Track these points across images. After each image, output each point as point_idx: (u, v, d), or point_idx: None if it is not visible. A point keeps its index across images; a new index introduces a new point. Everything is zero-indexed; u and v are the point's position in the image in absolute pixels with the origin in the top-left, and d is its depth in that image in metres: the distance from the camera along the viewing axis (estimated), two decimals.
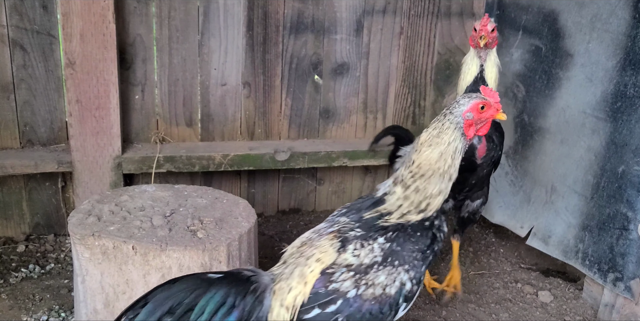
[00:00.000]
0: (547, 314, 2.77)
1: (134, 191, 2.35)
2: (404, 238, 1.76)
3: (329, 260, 1.72)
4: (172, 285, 1.62)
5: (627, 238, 2.53)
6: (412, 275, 1.75)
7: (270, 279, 1.75)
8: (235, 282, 1.68)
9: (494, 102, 1.84)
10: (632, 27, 2.47)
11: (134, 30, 2.99)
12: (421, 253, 1.77)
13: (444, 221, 1.89)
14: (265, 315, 1.70)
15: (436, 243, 1.83)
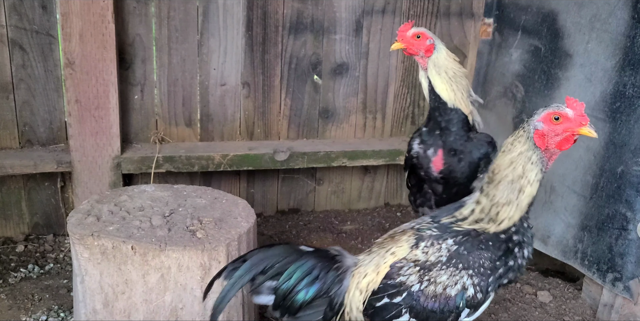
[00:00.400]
0: (546, 314, 2.77)
1: (133, 191, 2.35)
2: (472, 243, 1.80)
3: (401, 255, 1.84)
4: (268, 249, 1.84)
5: (626, 238, 2.53)
6: (476, 282, 1.78)
7: (353, 262, 1.92)
8: (322, 258, 1.88)
9: (576, 114, 1.72)
10: (631, 27, 2.47)
11: (133, 30, 2.99)
12: (490, 262, 1.79)
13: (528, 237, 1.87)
14: (342, 294, 1.87)
15: (511, 257, 1.82)
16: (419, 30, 2.37)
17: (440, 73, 2.35)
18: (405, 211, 3.67)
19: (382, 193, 3.70)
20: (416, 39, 2.35)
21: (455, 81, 2.36)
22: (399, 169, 3.66)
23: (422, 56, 2.38)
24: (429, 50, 2.36)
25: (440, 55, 2.36)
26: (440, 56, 2.36)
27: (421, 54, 2.37)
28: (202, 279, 2.01)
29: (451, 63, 2.38)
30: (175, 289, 2.01)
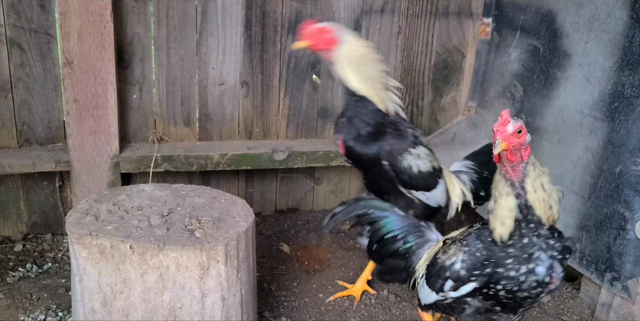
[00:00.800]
0: (544, 313, 2.77)
1: (131, 191, 2.34)
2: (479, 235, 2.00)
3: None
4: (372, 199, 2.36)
5: (625, 237, 2.53)
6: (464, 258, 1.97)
7: (435, 238, 2.28)
8: (411, 223, 2.30)
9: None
10: (629, 27, 2.47)
11: (132, 29, 2.99)
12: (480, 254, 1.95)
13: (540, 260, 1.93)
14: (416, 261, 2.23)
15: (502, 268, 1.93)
16: (321, 25, 2.38)
17: (349, 64, 2.36)
18: None
19: None
20: (320, 34, 2.36)
21: (363, 69, 2.36)
22: None
23: (329, 49, 2.37)
24: (331, 43, 2.36)
25: (346, 46, 2.36)
26: (346, 47, 2.36)
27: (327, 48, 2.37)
28: (201, 278, 2.01)
29: (359, 53, 2.37)
30: (173, 288, 2.01)
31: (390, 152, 2.39)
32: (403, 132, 2.42)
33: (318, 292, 2.83)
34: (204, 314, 2.06)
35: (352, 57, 2.36)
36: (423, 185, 2.46)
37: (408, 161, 2.39)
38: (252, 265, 2.22)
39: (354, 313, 2.71)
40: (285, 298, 2.78)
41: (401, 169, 2.40)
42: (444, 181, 2.54)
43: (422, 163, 2.42)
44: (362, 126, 2.40)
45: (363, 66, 2.37)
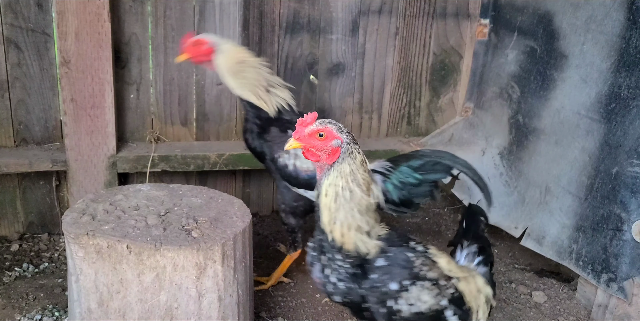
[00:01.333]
0: (540, 314, 2.78)
1: (128, 190, 2.34)
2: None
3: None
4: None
5: (621, 238, 2.54)
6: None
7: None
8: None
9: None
10: (626, 28, 2.48)
11: (129, 29, 2.98)
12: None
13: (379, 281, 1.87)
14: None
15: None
16: (196, 38, 2.51)
17: (228, 72, 2.49)
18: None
19: None
20: (195, 46, 2.50)
21: (239, 75, 2.49)
22: None
23: (209, 61, 2.51)
24: (208, 54, 2.50)
25: (223, 55, 2.49)
26: (221, 56, 2.49)
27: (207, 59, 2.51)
28: (198, 278, 2.01)
29: (235, 60, 2.49)
30: (170, 288, 2.00)
31: (270, 151, 2.54)
32: (284, 135, 2.52)
33: (315, 292, 2.83)
34: (200, 314, 2.05)
35: (230, 65, 2.50)
36: (304, 184, 2.55)
37: (284, 159, 2.52)
38: (249, 265, 2.22)
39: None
40: (282, 298, 2.78)
41: (279, 167, 2.55)
42: None
43: (301, 163, 2.51)
44: (252, 127, 2.59)
45: (241, 72, 2.51)
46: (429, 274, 1.86)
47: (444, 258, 1.95)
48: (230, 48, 2.52)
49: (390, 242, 1.87)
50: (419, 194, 2.56)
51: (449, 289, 1.89)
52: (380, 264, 1.82)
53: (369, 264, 1.83)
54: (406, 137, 3.57)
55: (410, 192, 2.53)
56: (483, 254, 2.14)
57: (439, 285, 1.87)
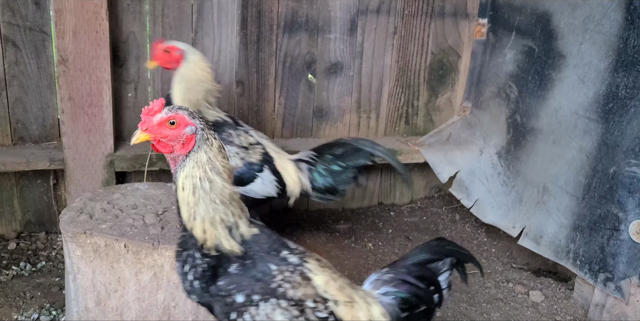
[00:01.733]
0: (538, 314, 2.78)
1: (126, 189, 2.34)
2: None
3: None
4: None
5: (618, 238, 2.54)
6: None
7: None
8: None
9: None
10: (624, 28, 2.48)
11: (127, 27, 2.98)
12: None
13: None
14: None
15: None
16: (168, 45, 2.54)
17: (180, 82, 2.54)
18: (399, 211, 3.68)
19: (375, 192, 3.70)
20: (166, 53, 2.53)
21: (190, 92, 2.54)
22: (393, 169, 3.67)
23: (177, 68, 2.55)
24: (179, 61, 2.54)
25: (189, 66, 2.54)
26: (189, 67, 2.53)
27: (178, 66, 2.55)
28: None
29: (196, 75, 2.54)
30: (167, 287, 2.00)
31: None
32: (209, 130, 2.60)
33: None
34: (198, 313, 2.05)
35: (191, 77, 2.53)
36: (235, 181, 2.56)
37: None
38: None
39: None
40: None
41: None
42: (268, 174, 2.63)
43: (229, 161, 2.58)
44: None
45: (193, 87, 2.54)
46: (290, 292, 1.60)
47: (324, 275, 1.68)
48: (197, 59, 2.56)
49: (258, 246, 1.64)
50: (343, 181, 2.69)
51: (319, 312, 1.62)
52: (233, 271, 1.61)
53: (223, 268, 1.62)
54: (404, 136, 3.57)
55: (335, 179, 2.68)
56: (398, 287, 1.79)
57: (303, 306, 1.60)
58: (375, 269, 3.03)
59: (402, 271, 1.81)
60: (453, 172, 3.40)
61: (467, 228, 3.51)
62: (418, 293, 1.80)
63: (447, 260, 1.88)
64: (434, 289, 1.85)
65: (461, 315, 2.74)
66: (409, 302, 1.79)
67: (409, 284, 1.79)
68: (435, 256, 1.87)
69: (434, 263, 1.87)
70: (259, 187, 2.61)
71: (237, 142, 2.61)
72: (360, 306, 1.70)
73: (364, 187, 2.82)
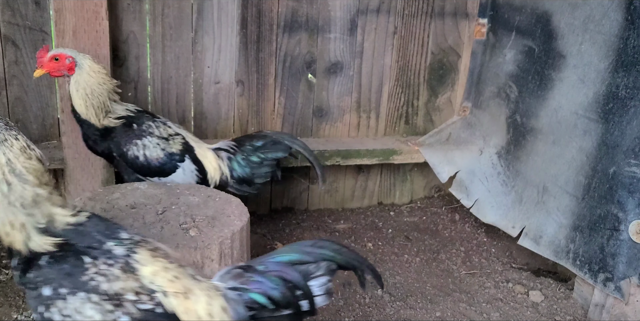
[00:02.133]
0: (537, 314, 2.78)
1: (126, 189, 2.34)
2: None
3: None
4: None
5: (618, 238, 2.54)
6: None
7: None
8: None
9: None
10: (624, 28, 2.48)
11: (127, 27, 2.98)
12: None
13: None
14: None
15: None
16: (55, 53, 2.49)
17: (78, 89, 2.51)
18: (399, 211, 3.68)
19: (375, 192, 3.70)
20: (55, 61, 2.48)
21: (92, 97, 2.52)
22: (393, 169, 3.67)
23: (67, 75, 2.51)
24: (71, 69, 2.50)
25: (83, 72, 2.50)
26: (83, 73, 2.50)
27: (66, 74, 2.51)
28: None
29: (93, 80, 2.51)
30: None
31: (118, 147, 2.60)
32: (129, 129, 2.60)
33: None
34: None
35: (87, 83, 2.50)
36: (157, 172, 2.64)
37: (133, 151, 2.59)
38: None
39: (348, 312, 2.71)
40: None
41: (130, 160, 2.61)
42: (189, 163, 2.67)
43: (150, 152, 2.60)
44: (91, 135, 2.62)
45: (92, 93, 2.52)
46: (104, 285, 1.51)
47: (154, 266, 1.58)
48: (89, 64, 2.51)
49: (80, 237, 1.58)
50: (260, 173, 2.79)
51: (142, 304, 1.53)
52: (42, 263, 1.55)
53: (35, 261, 1.56)
54: (404, 136, 3.57)
55: (253, 171, 2.76)
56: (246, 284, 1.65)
57: (120, 299, 1.52)
58: None
59: (259, 268, 1.67)
60: (453, 172, 3.40)
61: (467, 227, 3.51)
62: (271, 294, 1.64)
63: (323, 264, 1.68)
64: (302, 294, 1.66)
65: (460, 314, 2.74)
66: (257, 302, 1.64)
67: (259, 282, 1.65)
68: (305, 258, 1.69)
69: (305, 265, 1.68)
70: (180, 177, 2.66)
71: (157, 134, 2.63)
72: (198, 299, 1.59)
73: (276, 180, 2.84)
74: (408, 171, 3.72)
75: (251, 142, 2.78)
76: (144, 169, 2.62)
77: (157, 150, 2.61)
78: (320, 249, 1.69)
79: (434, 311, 2.75)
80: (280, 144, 2.78)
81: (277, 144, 2.78)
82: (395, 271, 3.03)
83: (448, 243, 3.35)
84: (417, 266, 3.10)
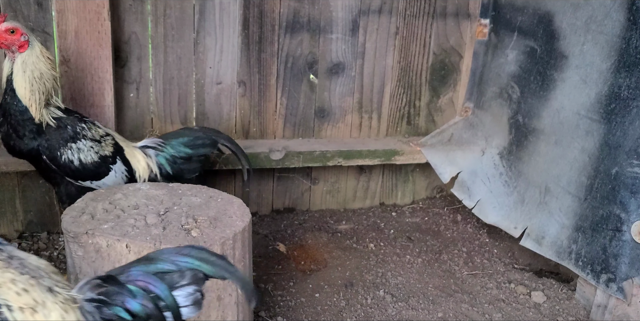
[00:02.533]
0: (540, 314, 2.78)
1: (128, 189, 2.34)
2: None
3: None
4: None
5: (620, 239, 2.54)
6: None
7: None
8: None
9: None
10: (626, 29, 2.48)
11: (129, 28, 2.98)
12: None
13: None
14: None
15: None
16: (13, 25, 2.36)
17: (25, 71, 2.37)
18: (401, 211, 3.67)
19: (377, 192, 3.70)
20: (10, 33, 2.36)
21: (39, 82, 2.39)
22: (395, 169, 3.67)
23: (15, 50, 2.37)
24: (23, 46, 2.37)
25: (33, 53, 2.38)
26: (33, 54, 2.38)
27: (13, 49, 2.37)
28: None
29: (42, 64, 2.40)
30: None
31: (48, 148, 2.47)
32: (63, 130, 2.49)
33: (314, 292, 2.83)
34: (199, 314, 2.05)
35: (35, 67, 2.38)
36: (90, 175, 2.57)
37: (68, 155, 2.50)
38: (248, 265, 2.22)
39: (350, 313, 2.71)
40: (282, 297, 2.78)
41: (64, 165, 2.51)
42: (120, 164, 2.63)
43: (85, 156, 2.53)
44: (22, 129, 2.45)
45: (40, 78, 2.39)
46: None
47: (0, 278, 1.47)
48: (40, 48, 2.41)
49: None
50: (189, 169, 2.79)
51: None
52: None
53: None
54: (406, 137, 3.57)
55: (181, 167, 2.76)
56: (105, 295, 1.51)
57: None
58: (377, 269, 3.03)
59: (119, 278, 1.53)
60: (455, 172, 3.40)
61: (469, 228, 3.51)
62: (130, 305, 1.50)
63: (188, 273, 1.55)
64: (165, 305, 1.53)
65: (463, 315, 2.74)
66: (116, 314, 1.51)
67: (118, 293, 1.52)
68: (168, 266, 1.54)
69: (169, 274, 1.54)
70: (112, 179, 2.62)
71: (90, 136, 2.56)
72: (49, 313, 1.47)
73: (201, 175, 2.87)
74: (410, 172, 3.71)
75: (178, 138, 2.77)
76: (77, 174, 2.53)
77: (91, 153, 2.54)
78: (185, 258, 1.56)
79: (436, 312, 2.75)
80: (206, 139, 2.80)
81: (204, 139, 2.79)
82: (397, 272, 3.03)
83: (450, 243, 3.34)
84: (419, 266, 3.10)
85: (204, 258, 1.56)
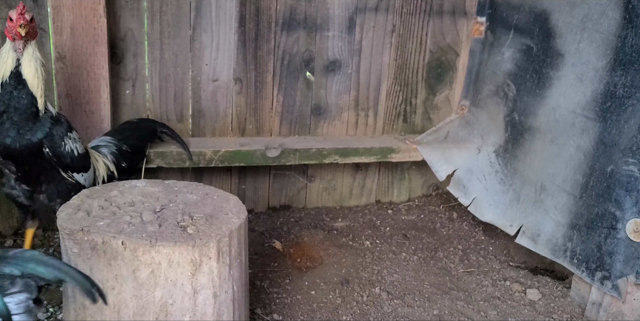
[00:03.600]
0: (535, 312, 2.79)
1: (123, 187, 2.33)
2: None
3: None
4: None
5: (615, 237, 2.55)
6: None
7: None
8: None
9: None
10: (622, 27, 2.49)
11: (125, 24, 2.97)
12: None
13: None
14: None
15: None
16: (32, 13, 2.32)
17: (36, 59, 2.32)
18: (397, 209, 3.68)
19: (373, 190, 3.70)
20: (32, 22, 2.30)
21: (42, 70, 2.34)
22: (391, 167, 3.67)
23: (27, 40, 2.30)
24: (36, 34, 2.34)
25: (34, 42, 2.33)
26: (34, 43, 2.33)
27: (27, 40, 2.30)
28: (193, 275, 2.00)
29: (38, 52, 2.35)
30: (165, 285, 2.00)
31: (52, 139, 2.42)
32: (59, 121, 2.46)
33: (310, 289, 2.84)
34: (195, 311, 2.05)
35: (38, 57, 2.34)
36: (82, 166, 2.60)
37: (69, 144, 2.50)
38: (244, 262, 2.22)
39: (346, 311, 2.71)
40: (277, 295, 2.79)
41: (64, 154, 2.47)
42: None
43: (78, 146, 2.56)
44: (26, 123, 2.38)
45: (42, 65, 2.35)
46: None
47: None
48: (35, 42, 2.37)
49: None
50: (138, 159, 2.93)
51: None
52: None
53: None
54: (402, 134, 3.57)
55: (131, 158, 2.85)
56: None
57: None
58: (372, 267, 3.04)
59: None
60: (451, 170, 3.40)
61: (465, 226, 3.52)
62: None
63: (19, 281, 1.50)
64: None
65: (458, 313, 2.74)
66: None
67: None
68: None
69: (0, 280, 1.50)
70: (92, 174, 2.66)
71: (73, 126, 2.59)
72: None
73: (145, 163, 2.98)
74: (406, 170, 3.72)
75: (122, 133, 2.86)
76: (75, 164, 2.51)
77: (80, 144, 2.57)
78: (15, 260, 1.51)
79: (431, 309, 2.76)
80: (146, 129, 2.95)
81: (144, 129, 2.95)
82: (393, 270, 3.04)
83: (446, 241, 3.35)
84: (415, 264, 3.10)
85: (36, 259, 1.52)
